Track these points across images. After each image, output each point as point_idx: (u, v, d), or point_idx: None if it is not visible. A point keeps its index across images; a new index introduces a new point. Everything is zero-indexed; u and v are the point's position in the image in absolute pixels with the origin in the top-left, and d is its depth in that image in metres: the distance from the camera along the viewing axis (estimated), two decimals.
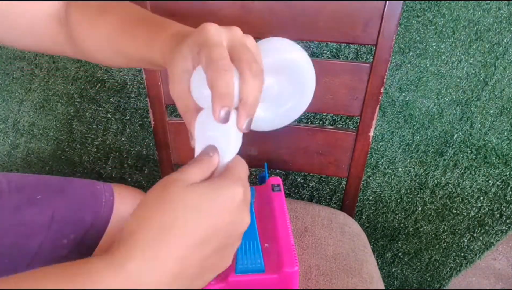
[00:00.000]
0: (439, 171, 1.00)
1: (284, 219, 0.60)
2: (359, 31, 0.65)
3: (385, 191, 1.04)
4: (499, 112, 0.91)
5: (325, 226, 0.72)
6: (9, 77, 1.07)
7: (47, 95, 1.08)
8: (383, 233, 1.10)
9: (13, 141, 1.13)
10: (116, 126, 1.07)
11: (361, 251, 0.69)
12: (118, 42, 0.48)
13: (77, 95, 1.07)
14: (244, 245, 0.54)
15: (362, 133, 0.72)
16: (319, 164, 0.77)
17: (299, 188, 1.08)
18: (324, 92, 0.71)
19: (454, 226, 1.05)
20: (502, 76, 0.89)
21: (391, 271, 1.14)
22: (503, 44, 0.86)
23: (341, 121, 0.98)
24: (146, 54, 0.45)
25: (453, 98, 0.92)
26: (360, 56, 0.92)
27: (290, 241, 0.56)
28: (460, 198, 1.01)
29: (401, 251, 1.11)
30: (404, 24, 0.87)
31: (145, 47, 0.45)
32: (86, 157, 1.13)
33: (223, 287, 0.52)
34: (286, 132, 0.75)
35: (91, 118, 1.08)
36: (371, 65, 0.67)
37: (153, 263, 0.30)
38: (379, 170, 1.02)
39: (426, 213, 1.05)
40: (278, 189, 0.66)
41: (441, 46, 0.88)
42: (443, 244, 1.08)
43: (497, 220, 1.02)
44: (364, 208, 1.08)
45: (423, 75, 0.91)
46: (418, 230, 1.07)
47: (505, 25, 0.84)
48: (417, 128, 0.96)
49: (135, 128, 1.07)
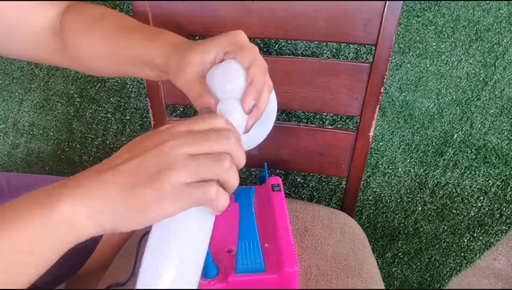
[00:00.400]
0: (439, 171, 1.00)
1: (284, 219, 0.60)
2: (359, 31, 0.65)
3: (385, 191, 1.04)
4: (499, 112, 0.92)
5: (325, 226, 0.72)
6: (9, 77, 1.07)
7: (47, 95, 1.08)
8: (383, 233, 1.10)
9: (13, 141, 1.13)
10: (116, 126, 1.07)
11: (361, 251, 0.69)
12: (114, 44, 0.49)
13: (77, 95, 1.07)
14: (244, 245, 0.55)
15: (362, 133, 0.72)
16: (319, 164, 0.77)
17: (299, 188, 1.08)
18: (324, 92, 0.71)
19: (454, 226, 1.05)
20: (502, 76, 0.89)
21: (391, 271, 1.14)
22: (503, 44, 0.86)
23: (341, 121, 0.98)
24: (144, 54, 0.46)
25: (453, 98, 0.92)
26: (360, 56, 0.92)
27: (290, 241, 0.56)
28: (460, 198, 1.01)
29: (401, 251, 1.11)
30: (404, 24, 0.87)
31: (143, 47, 0.46)
32: (86, 157, 1.13)
33: (223, 287, 0.52)
34: (286, 132, 0.75)
35: (91, 118, 1.08)
36: (371, 65, 0.67)
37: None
38: (379, 170, 1.02)
39: (426, 213, 1.05)
40: (278, 189, 0.66)
41: (441, 46, 0.88)
42: (443, 244, 1.08)
43: (497, 220, 1.02)
44: (364, 208, 1.08)
45: (423, 75, 0.91)
46: (418, 230, 1.07)
47: (505, 25, 0.84)
48: (417, 128, 0.96)
49: (135, 128, 1.07)
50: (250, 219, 0.59)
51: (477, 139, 0.95)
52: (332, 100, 0.71)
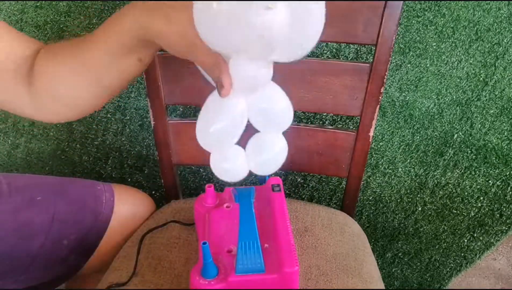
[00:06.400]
0: (439, 171, 1.00)
1: (284, 219, 0.60)
2: (359, 31, 0.65)
3: (385, 191, 1.04)
4: (499, 112, 0.91)
5: (325, 226, 0.72)
6: None
7: None
8: (383, 233, 1.10)
9: (13, 141, 1.13)
10: (116, 126, 1.07)
11: (361, 251, 0.69)
12: (81, 58, 0.48)
13: None
14: (244, 245, 0.55)
15: (362, 133, 0.72)
16: (319, 164, 0.77)
17: (299, 188, 1.08)
18: (324, 92, 0.71)
19: (454, 226, 1.05)
20: (502, 76, 0.89)
21: (391, 271, 1.14)
22: (503, 44, 0.86)
23: (341, 121, 0.98)
24: (115, 38, 0.46)
25: (453, 98, 0.92)
26: (360, 56, 0.92)
27: (290, 241, 0.56)
28: (460, 198, 1.01)
29: (401, 251, 1.11)
30: (404, 24, 0.87)
31: (112, 33, 0.46)
32: (86, 157, 1.13)
33: (223, 287, 0.52)
34: (286, 132, 0.75)
35: (91, 118, 1.08)
36: (371, 65, 0.67)
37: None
38: (379, 170, 1.02)
39: (426, 213, 1.05)
40: (278, 189, 0.66)
41: (441, 46, 0.88)
42: (443, 244, 1.08)
43: (497, 220, 1.02)
44: (364, 208, 1.08)
45: (423, 75, 0.91)
46: (418, 230, 1.07)
47: (505, 25, 0.84)
48: (417, 128, 0.96)
49: (135, 128, 1.07)
50: (250, 219, 0.59)
51: (477, 139, 0.95)
52: (332, 100, 0.71)
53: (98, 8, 0.95)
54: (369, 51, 0.91)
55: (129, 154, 1.11)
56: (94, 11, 0.95)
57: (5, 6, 0.97)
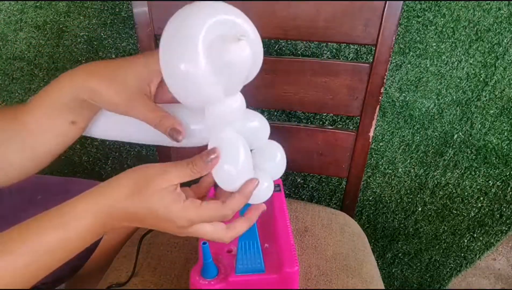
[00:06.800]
0: (439, 171, 1.00)
1: (284, 219, 0.60)
2: (359, 31, 0.65)
3: (385, 191, 1.04)
4: (499, 112, 0.91)
5: (325, 226, 0.72)
6: (9, 77, 1.07)
7: None
8: (383, 234, 1.10)
9: None
10: None
11: (361, 251, 0.69)
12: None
13: None
14: (244, 245, 0.55)
15: (362, 133, 0.72)
16: (319, 164, 0.77)
17: (299, 188, 1.08)
18: (324, 92, 0.71)
19: (454, 226, 1.05)
20: (502, 76, 0.89)
21: (391, 272, 1.14)
22: (503, 44, 0.86)
23: (341, 121, 0.98)
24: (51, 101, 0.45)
25: (453, 98, 0.92)
26: (360, 56, 0.92)
27: (290, 241, 0.56)
28: (460, 198, 1.01)
29: (401, 252, 1.11)
30: (404, 24, 0.87)
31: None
32: (86, 157, 1.13)
33: (223, 287, 0.52)
34: (286, 133, 0.75)
35: None
36: (371, 65, 0.67)
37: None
38: (379, 170, 1.02)
39: (426, 214, 1.05)
40: (278, 189, 0.66)
41: (441, 46, 0.88)
42: (443, 245, 1.08)
43: (497, 220, 1.02)
44: (364, 208, 1.08)
45: (423, 75, 0.91)
46: (418, 231, 1.07)
47: (505, 25, 0.84)
48: (417, 128, 0.96)
49: None
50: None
51: (477, 139, 0.95)
52: (332, 100, 0.71)
53: (98, 8, 0.95)
54: (369, 51, 0.91)
55: (129, 154, 1.11)
56: (94, 11, 0.95)
57: (5, 6, 0.97)
